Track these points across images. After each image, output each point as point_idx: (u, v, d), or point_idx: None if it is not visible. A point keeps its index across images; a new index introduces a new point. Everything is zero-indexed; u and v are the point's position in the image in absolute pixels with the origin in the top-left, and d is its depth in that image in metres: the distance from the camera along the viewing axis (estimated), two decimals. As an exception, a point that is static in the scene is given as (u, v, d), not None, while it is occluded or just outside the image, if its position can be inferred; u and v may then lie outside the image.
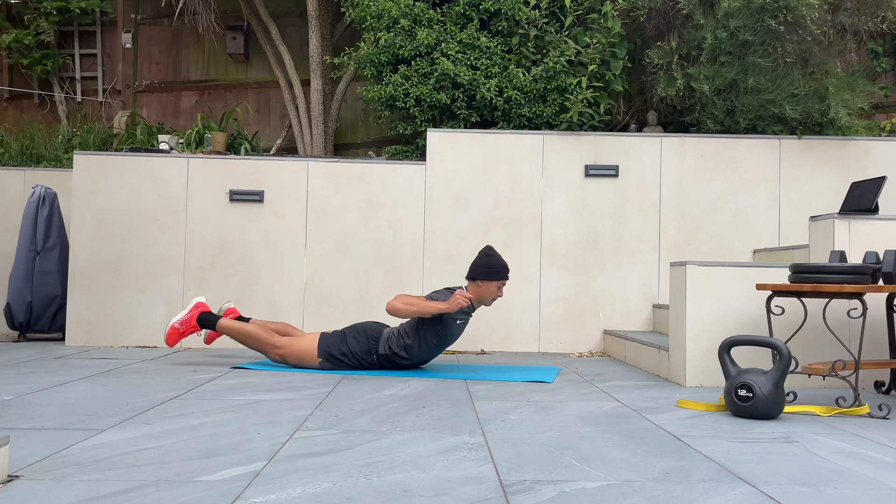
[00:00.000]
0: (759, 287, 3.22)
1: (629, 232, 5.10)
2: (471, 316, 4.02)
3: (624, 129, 5.64)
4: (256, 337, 3.92)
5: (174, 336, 4.01)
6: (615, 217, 5.11)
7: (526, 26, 5.26)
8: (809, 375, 3.13)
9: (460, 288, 3.95)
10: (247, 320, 4.15)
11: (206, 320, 4.03)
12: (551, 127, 5.32)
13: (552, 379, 3.74)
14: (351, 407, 2.90)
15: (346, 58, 5.48)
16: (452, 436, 2.43)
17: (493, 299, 3.91)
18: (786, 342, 2.98)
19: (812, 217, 3.91)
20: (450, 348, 4.95)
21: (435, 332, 3.85)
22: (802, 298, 3.45)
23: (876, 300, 3.57)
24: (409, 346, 3.86)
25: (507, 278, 3.90)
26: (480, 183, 5.09)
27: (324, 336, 3.94)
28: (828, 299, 3.15)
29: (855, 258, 3.68)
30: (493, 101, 5.21)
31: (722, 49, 4.99)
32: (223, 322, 4.01)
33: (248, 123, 6.64)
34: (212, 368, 3.93)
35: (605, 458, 2.17)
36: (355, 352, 3.88)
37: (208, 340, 4.21)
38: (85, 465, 2.00)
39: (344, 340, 3.91)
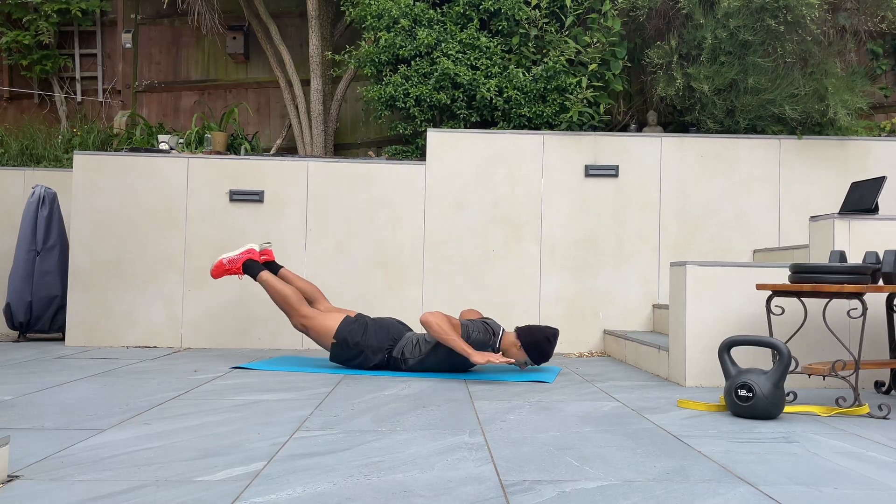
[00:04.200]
0: (759, 287, 3.22)
1: (629, 232, 5.10)
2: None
3: (624, 129, 5.64)
4: (289, 301, 4.01)
5: (220, 270, 4.16)
6: (615, 217, 5.10)
7: (526, 26, 5.26)
8: (809, 375, 3.13)
9: (497, 328, 3.87)
10: (279, 267, 4.29)
11: (250, 268, 4.16)
12: (551, 127, 5.32)
13: (552, 379, 3.74)
14: (351, 407, 2.90)
15: (346, 56, 5.48)
16: (452, 436, 2.43)
17: (513, 361, 3.77)
18: (786, 342, 2.98)
19: (812, 217, 3.92)
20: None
21: (453, 357, 3.83)
22: (802, 298, 3.46)
23: (876, 300, 3.57)
24: (424, 360, 3.85)
25: (538, 364, 3.90)
26: (480, 183, 5.09)
27: (347, 319, 3.96)
28: (828, 299, 3.15)
29: (855, 258, 3.68)
30: (493, 101, 5.21)
31: (722, 49, 4.99)
32: (265, 276, 4.10)
33: (248, 123, 6.64)
34: (212, 368, 3.93)
35: (605, 458, 2.17)
36: (369, 345, 3.88)
37: (239, 275, 4.26)
38: (85, 465, 2.00)
39: (364, 332, 3.92)
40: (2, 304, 5.49)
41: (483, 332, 3.81)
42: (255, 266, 4.16)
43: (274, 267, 4.31)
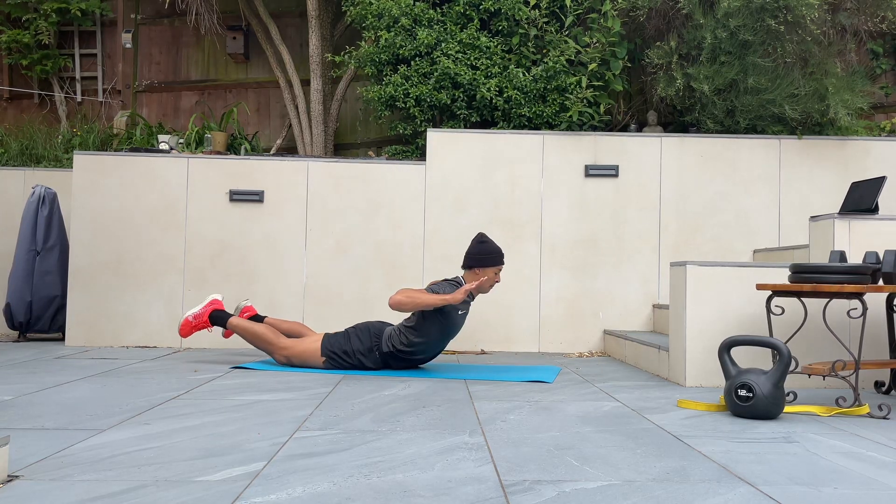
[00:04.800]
0: (759, 287, 3.22)
1: (629, 232, 5.10)
2: (470, 305, 4.05)
3: (624, 129, 5.64)
4: (263, 338, 3.98)
5: (187, 328, 4.12)
6: (615, 217, 5.11)
7: (526, 26, 5.26)
8: (809, 375, 3.13)
9: (457, 278, 3.97)
10: (262, 318, 4.24)
11: (217, 318, 4.13)
12: (551, 127, 5.32)
13: (552, 379, 3.74)
14: (351, 407, 2.90)
15: (346, 56, 5.48)
16: (452, 436, 2.43)
17: (492, 285, 3.93)
18: (786, 342, 2.98)
19: (812, 217, 3.92)
20: (449, 348, 4.95)
21: (438, 324, 3.85)
22: (802, 298, 3.46)
23: (876, 300, 3.57)
24: (412, 341, 3.85)
25: (502, 263, 3.93)
26: (480, 183, 5.09)
27: (327, 336, 3.96)
28: (828, 299, 3.15)
29: (855, 258, 3.68)
30: (493, 101, 5.21)
31: (722, 49, 4.99)
32: (233, 321, 4.08)
33: (248, 123, 6.64)
34: (212, 368, 3.93)
35: (605, 458, 2.17)
36: (358, 350, 3.88)
37: (226, 334, 4.24)
38: (85, 465, 2.00)
39: (347, 339, 3.92)
40: (2, 304, 5.49)
41: (449, 287, 3.88)
42: (223, 315, 4.13)
43: (258, 319, 4.26)
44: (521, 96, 5.17)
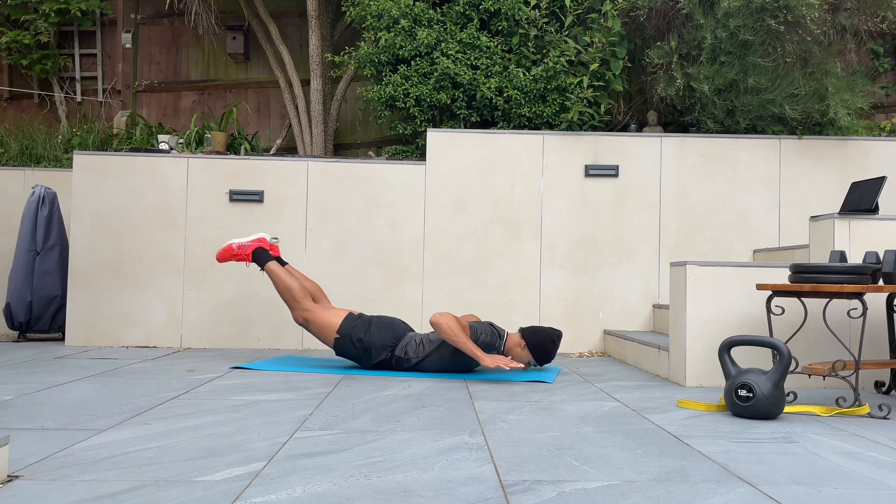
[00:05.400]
0: (759, 287, 3.22)
1: (629, 232, 5.10)
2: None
3: (624, 129, 5.64)
4: (292, 293, 4.02)
5: (227, 254, 4.17)
6: (615, 217, 5.10)
7: (526, 26, 5.26)
8: (809, 375, 3.13)
9: (503, 332, 3.90)
10: (284, 263, 4.31)
11: (260, 256, 4.16)
12: (551, 127, 5.32)
13: (552, 379, 3.74)
14: (351, 407, 2.90)
15: (346, 57, 5.48)
16: (452, 436, 2.43)
17: (512, 365, 3.63)
18: (786, 342, 2.98)
19: (812, 217, 3.91)
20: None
21: (457, 358, 3.84)
22: (802, 298, 3.46)
23: (876, 300, 3.57)
24: (426, 356, 3.85)
25: (541, 364, 3.91)
26: (480, 183, 5.09)
27: (350, 316, 3.97)
28: (828, 299, 3.15)
29: (855, 258, 3.68)
30: (493, 101, 5.21)
31: (722, 49, 4.99)
32: (272, 266, 4.11)
33: (248, 123, 6.64)
34: (212, 368, 3.93)
35: (605, 458, 2.17)
36: (372, 343, 3.88)
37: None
38: (85, 465, 2.00)
39: (367, 328, 3.92)
40: (2, 304, 5.49)
41: (490, 335, 3.82)
42: (265, 255, 4.17)
43: (280, 263, 4.33)
44: (521, 96, 5.17)
